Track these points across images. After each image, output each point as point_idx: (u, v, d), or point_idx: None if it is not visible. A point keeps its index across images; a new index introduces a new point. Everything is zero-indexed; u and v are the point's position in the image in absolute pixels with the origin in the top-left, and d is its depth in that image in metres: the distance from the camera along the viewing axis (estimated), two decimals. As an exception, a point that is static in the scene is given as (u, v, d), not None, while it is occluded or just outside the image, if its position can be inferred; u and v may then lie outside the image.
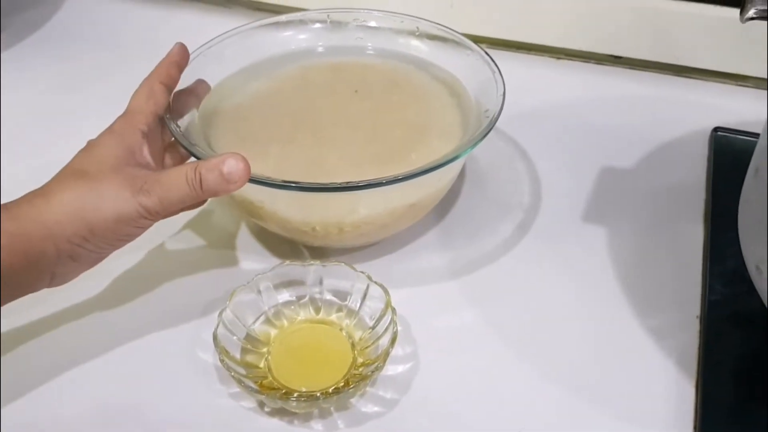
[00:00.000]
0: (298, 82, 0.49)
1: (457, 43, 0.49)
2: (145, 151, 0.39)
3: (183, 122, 0.43)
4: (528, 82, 0.59)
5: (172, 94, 0.43)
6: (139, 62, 0.45)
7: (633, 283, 0.44)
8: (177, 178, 0.38)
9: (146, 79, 0.42)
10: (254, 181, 0.39)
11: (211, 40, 0.48)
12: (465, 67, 0.48)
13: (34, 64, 0.62)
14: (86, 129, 0.41)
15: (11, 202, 0.37)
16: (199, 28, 0.45)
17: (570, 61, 0.62)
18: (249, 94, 0.48)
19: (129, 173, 0.37)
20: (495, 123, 0.42)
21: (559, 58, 0.62)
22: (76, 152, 0.39)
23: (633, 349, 0.41)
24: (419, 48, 0.50)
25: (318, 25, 0.51)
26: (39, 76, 0.61)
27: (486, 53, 0.47)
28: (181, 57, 0.43)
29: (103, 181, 0.37)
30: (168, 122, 0.42)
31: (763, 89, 0.58)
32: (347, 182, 0.39)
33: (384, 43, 0.51)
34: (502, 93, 0.44)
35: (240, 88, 0.48)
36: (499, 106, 0.43)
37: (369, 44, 0.51)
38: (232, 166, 0.37)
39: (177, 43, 0.44)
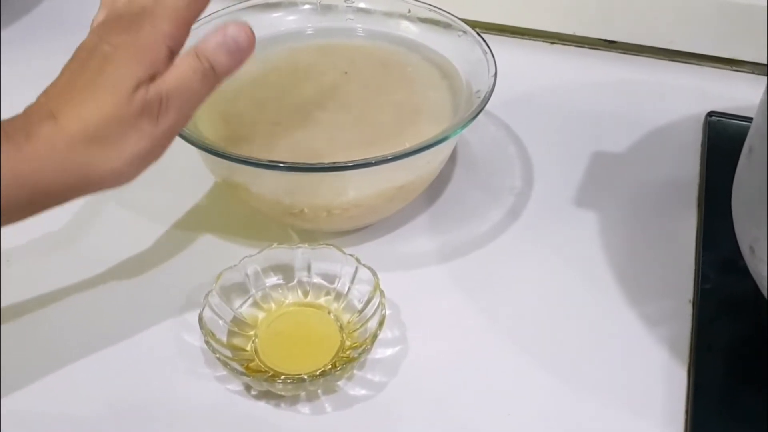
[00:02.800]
0: (287, 64, 0.49)
1: (448, 25, 0.48)
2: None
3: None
4: (521, 66, 0.58)
5: None
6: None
7: (625, 269, 0.44)
8: (186, 78, 0.34)
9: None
10: (241, 161, 0.39)
11: (198, 20, 0.47)
12: (456, 48, 0.47)
13: (22, 50, 0.61)
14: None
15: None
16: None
17: (564, 46, 0.61)
18: (236, 75, 0.47)
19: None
20: (486, 104, 0.42)
21: (552, 43, 0.62)
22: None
23: (624, 335, 0.41)
24: (410, 29, 0.50)
25: (307, 6, 0.51)
26: (26, 63, 0.60)
27: (478, 34, 0.47)
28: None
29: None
30: None
31: (759, 74, 0.58)
32: (335, 162, 0.38)
33: (374, 25, 0.50)
34: (493, 74, 0.43)
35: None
36: (490, 87, 0.43)
37: (359, 26, 0.50)
38: (236, 33, 0.34)
39: None
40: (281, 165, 0.39)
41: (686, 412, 0.37)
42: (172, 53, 0.35)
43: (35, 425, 0.37)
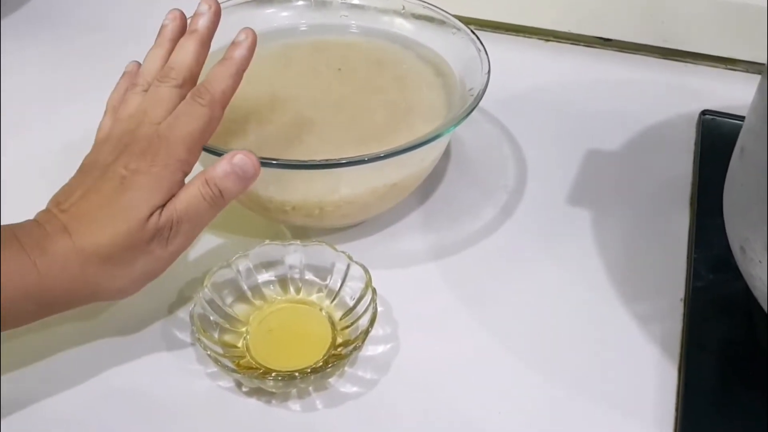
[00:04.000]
0: (280, 61, 0.49)
1: (442, 22, 0.48)
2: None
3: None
4: (516, 64, 0.58)
5: None
6: (127, 45, 0.44)
7: (617, 267, 0.44)
8: (195, 203, 0.35)
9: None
10: (233, 158, 0.39)
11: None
12: (450, 46, 0.47)
13: (19, 45, 0.61)
14: (73, 112, 0.40)
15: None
16: (186, 4, 0.44)
17: (559, 44, 0.61)
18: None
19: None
20: (479, 102, 0.42)
21: (548, 41, 0.62)
22: (61, 135, 0.38)
23: (616, 333, 0.41)
24: (404, 27, 0.50)
25: (301, 2, 0.51)
26: (24, 58, 0.60)
27: (472, 32, 0.46)
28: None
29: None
30: None
31: (753, 73, 0.58)
32: (327, 159, 0.38)
33: (369, 22, 0.50)
34: (486, 72, 0.43)
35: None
36: (484, 84, 0.43)
37: (353, 22, 0.50)
38: (243, 162, 0.36)
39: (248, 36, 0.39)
40: (273, 162, 0.39)
41: (676, 409, 0.37)
42: (185, 177, 0.36)
43: (26, 421, 0.37)
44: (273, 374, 0.37)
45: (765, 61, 0.35)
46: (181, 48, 0.39)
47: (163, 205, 0.35)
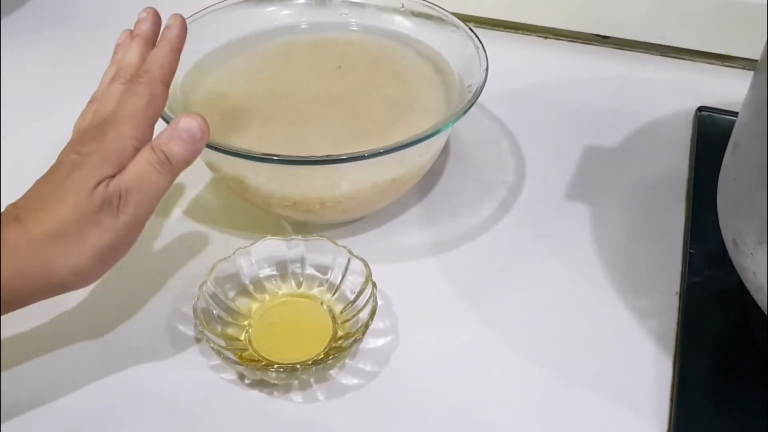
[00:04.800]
0: (281, 59, 0.49)
1: (441, 20, 0.49)
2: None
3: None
4: (515, 61, 0.59)
5: None
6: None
7: (615, 262, 0.44)
8: (142, 171, 0.35)
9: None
10: (235, 153, 0.39)
11: (193, 14, 0.47)
12: (449, 43, 0.48)
13: (20, 43, 0.62)
14: (74, 110, 0.41)
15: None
16: (184, 4, 0.45)
17: (557, 41, 0.62)
18: (230, 70, 0.48)
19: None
20: (477, 98, 0.42)
21: (546, 38, 0.62)
22: (64, 131, 0.39)
23: (612, 326, 0.41)
24: (404, 24, 0.50)
25: (302, 0, 0.51)
26: (25, 56, 0.60)
27: (470, 29, 0.47)
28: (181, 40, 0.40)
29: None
30: None
31: (749, 69, 0.58)
32: (328, 155, 0.39)
33: (368, 20, 0.51)
34: (485, 68, 0.44)
35: (221, 64, 0.48)
36: (482, 81, 0.43)
37: (353, 20, 0.51)
38: (188, 124, 0.36)
39: (177, 20, 0.40)
40: (275, 158, 0.39)
41: (671, 401, 0.38)
42: (137, 152, 0.36)
43: (29, 414, 0.37)
44: (275, 366, 0.37)
45: (760, 59, 0.36)
46: (126, 51, 0.40)
47: (113, 177, 0.35)
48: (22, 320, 0.41)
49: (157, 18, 0.42)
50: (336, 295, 0.41)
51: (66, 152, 0.37)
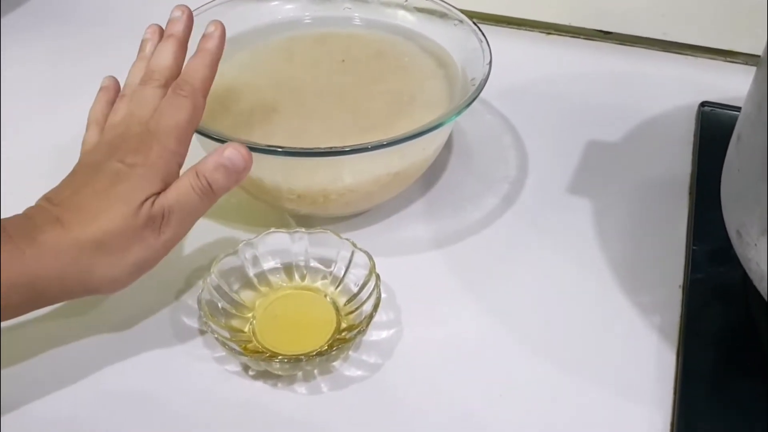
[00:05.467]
0: (284, 53, 0.49)
1: (445, 14, 0.49)
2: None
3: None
4: (518, 56, 0.59)
5: None
6: (130, 39, 0.45)
7: (617, 256, 0.45)
8: (186, 194, 0.36)
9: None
10: (239, 146, 0.39)
11: (197, 9, 0.48)
12: (453, 37, 0.48)
13: (21, 40, 0.62)
14: (76, 107, 0.41)
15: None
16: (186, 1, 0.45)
17: (560, 37, 0.62)
18: (235, 64, 0.48)
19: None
20: (480, 91, 0.42)
21: (549, 34, 0.62)
22: (65, 129, 0.39)
23: (616, 320, 0.41)
24: (407, 19, 0.50)
25: (305, -5, 0.51)
26: (26, 53, 0.61)
27: (474, 23, 0.47)
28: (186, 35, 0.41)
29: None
30: None
31: (752, 65, 0.58)
32: (332, 147, 0.39)
33: (371, 14, 0.51)
34: (488, 62, 0.44)
35: (226, 58, 0.47)
36: (485, 74, 0.43)
37: (356, 15, 0.51)
38: (233, 155, 0.36)
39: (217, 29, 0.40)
40: (279, 150, 0.39)
41: (674, 395, 0.38)
42: (180, 168, 0.37)
43: (33, 407, 0.37)
44: (279, 357, 0.37)
45: (763, 51, 0.36)
46: (159, 52, 0.40)
47: (157, 194, 0.36)
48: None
49: (191, 19, 0.41)
50: (340, 288, 0.41)
51: (99, 158, 0.37)
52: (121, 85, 0.41)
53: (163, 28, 0.42)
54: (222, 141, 0.40)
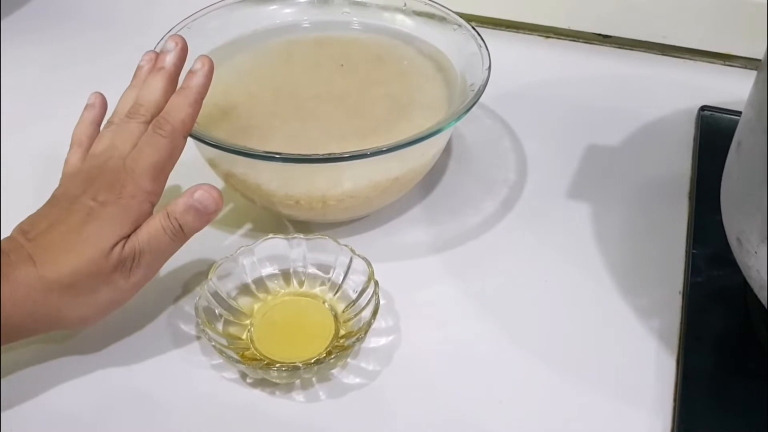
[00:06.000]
0: (283, 57, 0.49)
1: (443, 18, 0.49)
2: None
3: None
4: (517, 60, 0.59)
5: None
6: (131, 41, 0.44)
7: (617, 261, 0.44)
8: (157, 236, 0.36)
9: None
10: (237, 152, 0.39)
11: (195, 13, 0.47)
12: (451, 42, 0.48)
13: (21, 42, 0.62)
14: (76, 109, 0.41)
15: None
16: (187, 2, 0.45)
17: (559, 40, 0.62)
18: (233, 68, 0.48)
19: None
20: (479, 97, 0.42)
21: (548, 37, 0.62)
22: (61, 133, 0.39)
23: (615, 324, 0.41)
24: (406, 23, 0.50)
25: (304, -1, 0.51)
26: (26, 55, 0.60)
27: (472, 28, 0.47)
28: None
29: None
30: None
31: (751, 68, 0.58)
32: (330, 153, 0.39)
33: (370, 18, 0.51)
34: (487, 67, 0.44)
35: (224, 63, 0.48)
36: (484, 80, 0.43)
37: (355, 19, 0.51)
38: (203, 197, 0.37)
39: (204, 65, 0.40)
40: (277, 156, 0.39)
41: (674, 400, 0.38)
42: (153, 207, 0.37)
43: (30, 414, 0.37)
44: (277, 365, 0.37)
45: (763, 57, 0.36)
46: (148, 85, 0.40)
47: (128, 236, 0.36)
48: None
49: (184, 51, 0.41)
50: (338, 294, 0.41)
51: (75, 191, 0.37)
52: (111, 95, 0.41)
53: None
54: (219, 148, 0.40)
